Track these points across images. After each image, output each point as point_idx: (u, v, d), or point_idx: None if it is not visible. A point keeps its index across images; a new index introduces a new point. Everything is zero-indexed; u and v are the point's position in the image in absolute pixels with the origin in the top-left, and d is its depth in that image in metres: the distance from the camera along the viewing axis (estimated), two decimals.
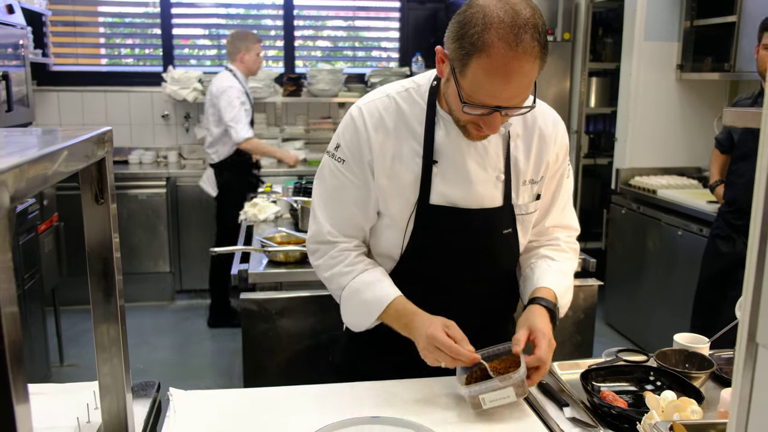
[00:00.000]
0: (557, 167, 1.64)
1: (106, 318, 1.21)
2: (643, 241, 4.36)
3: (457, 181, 1.54)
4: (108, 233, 1.17)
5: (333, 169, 1.59)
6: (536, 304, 1.54)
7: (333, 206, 1.61)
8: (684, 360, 1.58)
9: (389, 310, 1.55)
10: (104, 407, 1.23)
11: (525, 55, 1.29)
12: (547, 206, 1.69)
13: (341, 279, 1.61)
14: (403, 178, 1.54)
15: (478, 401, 1.40)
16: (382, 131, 1.53)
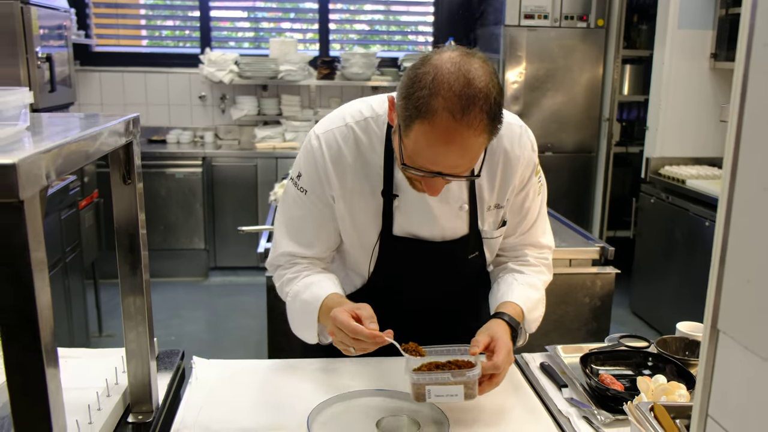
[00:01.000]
0: (522, 186, 1.58)
1: (132, 289, 1.31)
2: (671, 230, 4.35)
3: (418, 216, 1.52)
4: (134, 211, 1.27)
5: (296, 198, 1.56)
6: (498, 318, 1.50)
7: (296, 231, 1.58)
8: (684, 347, 1.63)
9: (323, 308, 1.49)
10: (130, 370, 1.34)
11: (470, 129, 1.21)
12: (514, 226, 1.65)
13: (287, 286, 1.59)
14: (365, 211, 1.53)
15: (423, 391, 1.32)
16: (340, 165, 1.49)
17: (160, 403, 1.41)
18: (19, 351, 0.79)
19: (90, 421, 1.24)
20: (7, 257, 0.76)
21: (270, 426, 1.37)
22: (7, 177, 0.73)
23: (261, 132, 5.77)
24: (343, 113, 1.53)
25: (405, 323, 1.71)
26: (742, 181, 0.82)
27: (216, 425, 1.36)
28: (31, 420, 0.81)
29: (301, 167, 1.55)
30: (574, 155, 5.43)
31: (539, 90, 5.23)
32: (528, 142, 1.55)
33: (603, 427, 1.38)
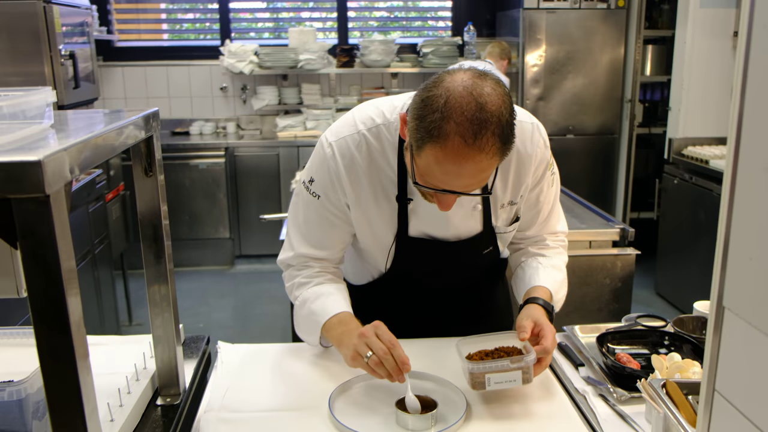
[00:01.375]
0: (536, 183, 1.60)
1: (157, 278, 1.36)
2: (695, 211, 4.33)
3: (432, 218, 1.54)
4: (157, 203, 1.31)
5: (308, 202, 1.58)
6: (534, 303, 1.54)
7: (309, 234, 1.61)
8: (701, 326, 1.64)
9: (332, 320, 1.52)
10: (157, 355, 1.39)
11: (482, 152, 1.22)
12: (530, 219, 1.67)
13: (297, 290, 1.63)
14: (380, 215, 1.55)
15: (482, 380, 1.35)
16: (354, 173, 1.51)
17: (187, 386, 1.46)
18: (51, 337, 0.83)
19: (121, 403, 1.29)
20: (36, 248, 0.81)
21: (293, 407, 1.42)
22: (34, 173, 0.77)
23: (282, 121, 5.82)
24: (354, 120, 1.53)
25: (421, 307, 1.75)
26: (744, 161, 0.84)
27: (241, 407, 1.41)
28: (64, 402, 0.86)
29: (313, 173, 1.56)
30: (596, 137, 5.41)
31: (559, 73, 5.21)
32: (540, 140, 1.55)
33: (619, 404, 1.40)
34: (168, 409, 1.37)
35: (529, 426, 1.35)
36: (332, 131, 1.55)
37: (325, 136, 1.55)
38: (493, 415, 1.38)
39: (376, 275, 1.72)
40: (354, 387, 1.49)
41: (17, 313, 2.75)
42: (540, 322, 1.46)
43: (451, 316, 1.79)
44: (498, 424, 1.35)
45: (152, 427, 1.31)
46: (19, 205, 0.79)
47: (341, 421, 1.32)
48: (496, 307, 1.90)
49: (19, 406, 1.03)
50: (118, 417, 1.25)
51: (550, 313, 1.54)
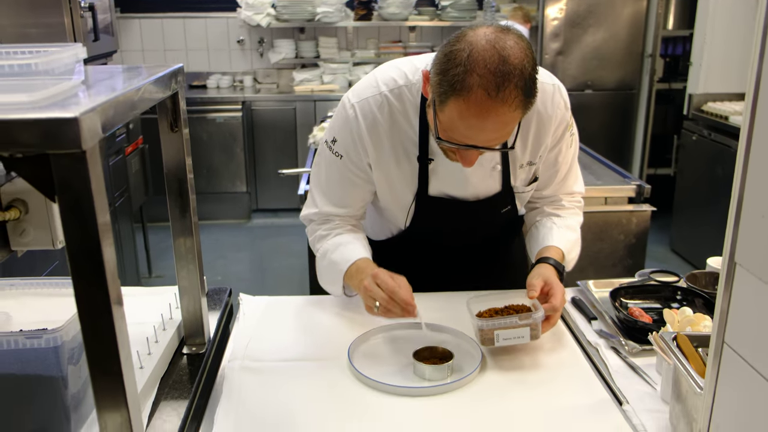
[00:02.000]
0: (555, 144, 1.61)
1: (182, 231, 1.40)
2: (713, 168, 4.31)
3: (452, 178, 1.57)
4: (182, 157, 1.34)
5: (331, 162, 1.61)
6: (545, 263, 1.57)
7: (331, 192, 1.64)
8: (714, 282, 1.67)
9: (351, 269, 1.57)
10: (183, 306, 1.44)
11: (504, 105, 1.23)
12: (548, 179, 1.69)
13: (318, 242, 1.67)
14: (401, 175, 1.58)
15: (491, 336, 1.39)
16: (376, 133, 1.53)
17: (211, 336, 1.51)
18: (88, 287, 0.88)
19: (149, 351, 1.34)
20: (73, 202, 0.84)
21: (314, 357, 1.47)
22: (71, 130, 0.80)
23: (299, 75, 5.81)
24: (377, 80, 1.55)
25: (438, 262, 1.79)
26: (761, 119, 0.85)
27: (264, 356, 1.47)
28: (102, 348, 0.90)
29: (336, 133, 1.58)
30: (615, 92, 5.36)
31: (580, 26, 5.14)
32: (561, 101, 1.56)
33: (630, 356, 1.44)
34: (194, 357, 1.43)
35: (543, 376, 1.40)
36: (355, 92, 1.56)
37: (347, 97, 1.57)
38: (508, 365, 1.43)
39: (395, 232, 1.76)
40: (373, 338, 1.53)
41: (41, 265, 2.82)
42: (550, 281, 1.48)
43: (468, 271, 1.82)
44: (512, 374, 1.40)
45: (179, 374, 1.36)
46: (57, 160, 0.82)
47: (360, 371, 1.37)
48: (512, 262, 1.93)
49: (55, 352, 1.08)
50: (147, 364, 1.31)
51: (561, 273, 1.56)
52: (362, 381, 1.37)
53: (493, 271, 1.87)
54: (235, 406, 1.29)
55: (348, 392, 1.34)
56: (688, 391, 1.11)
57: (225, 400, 1.31)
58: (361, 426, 1.24)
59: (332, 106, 5.18)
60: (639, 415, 1.25)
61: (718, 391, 0.95)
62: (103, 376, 0.91)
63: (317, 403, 1.30)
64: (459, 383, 1.35)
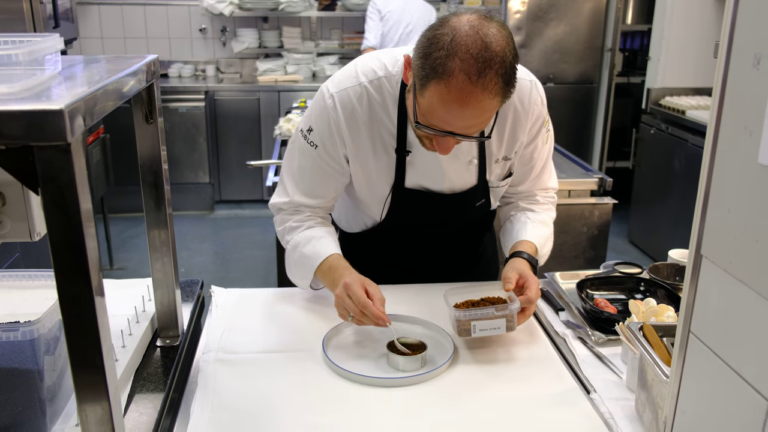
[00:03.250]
0: (531, 140, 1.63)
1: (157, 223, 1.40)
2: (670, 161, 4.42)
3: (429, 171, 1.59)
4: (157, 149, 1.34)
5: (305, 151, 1.60)
6: (519, 257, 1.59)
7: (303, 182, 1.63)
8: (675, 273, 1.73)
9: (323, 265, 1.57)
10: (157, 298, 1.44)
11: (485, 91, 1.25)
12: (523, 175, 1.71)
13: (288, 234, 1.66)
14: (378, 167, 1.59)
15: (468, 327, 1.41)
16: (354, 124, 1.53)
17: (185, 329, 1.51)
18: (71, 278, 0.87)
19: (123, 344, 1.34)
20: (57, 194, 0.84)
21: (288, 348, 1.48)
22: (56, 122, 0.80)
23: (262, 65, 5.77)
24: (356, 71, 1.54)
25: (412, 255, 1.81)
26: (727, 120, 0.89)
27: (238, 348, 1.47)
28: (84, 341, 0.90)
29: (312, 123, 1.58)
30: (576, 86, 5.45)
31: (542, 20, 5.20)
32: (538, 98, 1.58)
33: (596, 346, 1.49)
34: (168, 349, 1.43)
35: (514, 366, 1.43)
36: (334, 82, 1.56)
37: (326, 87, 1.56)
38: (479, 357, 1.46)
39: (369, 224, 1.77)
40: (346, 330, 1.55)
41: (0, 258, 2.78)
42: (525, 274, 1.51)
43: (441, 263, 1.85)
44: (483, 366, 1.43)
45: (154, 367, 1.36)
46: (41, 152, 0.82)
47: (335, 362, 1.39)
48: (484, 255, 1.96)
49: (32, 345, 1.08)
50: (122, 357, 1.31)
51: (535, 267, 1.60)
52: (337, 372, 1.38)
53: (466, 264, 1.90)
54: (211, 399, 1.29)
55: (323, 383, 1.36)
56: (654, 379, 1.15)
57: (200, 392, 1.31)
58: (336, 416, 1.26)
59: (296, 96, 5.16)
60: (606, 403, 1.29)
61: (684, 378, 0.99)
62: (85, 369, 0.91)
63: (292, 395, 1.32)
64: (432, 374, 1.38)
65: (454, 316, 1.43)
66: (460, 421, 1.25)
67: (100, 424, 0.95)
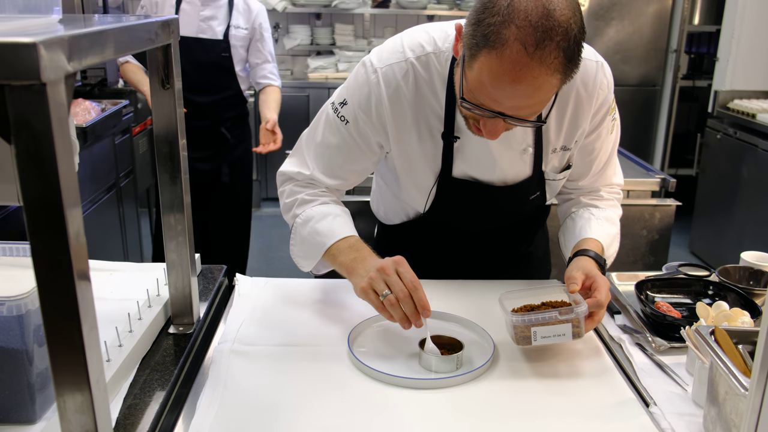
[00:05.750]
0: (594, 127, 1.47)
1: (172, 200, 1.28)
2: (738, 168, 4.16)
3: (479, 159, 1.43)
4: (174, 117, 1.23)
5: (331, 125, 1.46)
6: (584, 256, 1.41)
7: (323, 159, 1.49)
8: (748, 277, 1.54)
9: (341, 244, 1.40)
10: (171, 281, 1.33)
11: (542, 65, 1.08)
12: (583, 169, 1.55)
13: (299, 207, 1.50)
14: (423, 153, 1.44)
15: (528, 334, 1.24)
16: (398, 104, 1.38)
17: (202, 316, 1.40)
18: (46, 243, 0.76)
19: (131, 329, 1.23)
20: (30, 143, 0.73)
21: (310, 343, 1.35)
22: (29, 57, 0.69)
23: (314, 62, 5.69)
24: (402, 45, 1.40)
25: (455, 250, 1.66)
26: None
27: (256, 340, 1.35)
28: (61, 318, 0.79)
29: (348, 96, 1.44)
30: (638, 89, 5.21)
31: (603, 19, 4.99)
32: (604, 81, 1.42)
33: (657, 354, 1.31)
34: (180, 337, 1.32)
35: (562, 372, 1.27)
36: (378, 56, 1.41)
37: (369, 60, 1.41)
38: (522, 359, 1.30)
39: (412, 215, 1.62)
40: (375, 325, 1.41)
41: None
42: (592, 274, 1.32)
43: (487, 261, 1.69)
44: (527, 368, 1.28)
45: (163, 354, 1.25)
46: (13, 93, 0.71)
47: (360, 359, 1.25)
48: (535, 255, 1.80)
49: (19, 322, 0.97)
50: (127, 343, 1.19)
51: (602, 267, 1.41)
52: (362, 370, 1.25)
53: (515, 263, 1.74)
54: (221, 393, 1.16)
55: (345, 382, 1.22)
56: (728, 392, 0.98)
57: (210, 385, 1.18)
58: (357, 419, 1.11)
59: None
60: (668, 418, 1.12)
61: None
62: (62, 347, 0.80)
63: (310, 393, 1.18)
64: (468, 376, 1.22)
65: (511, 321, 1.25)
66: (503, 429, 1.09)
67: (79, 412, 0.83)
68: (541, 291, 1.37)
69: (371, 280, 1.27)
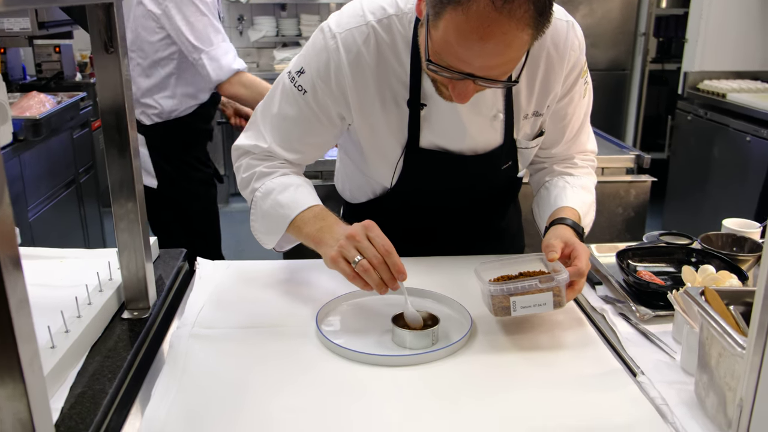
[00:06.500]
0: (566, 92, 1.41)
1: (121, 174, 1.19)
2: (709, 149, 4.14)
3: (447, 127, 1.36)
4: (119, 86, 1.14)
5: (288, 95, 1.37)
6: (561, 224, 1.34)
7: (280, 132, 1.40)
8: (731, 244, 1.49)
9: (306, 214, 1.32)
10: (123, 263, 1.23)
11: (511, 20, 1.01)
12: (556, 136, 1.49)
13: (257, 180, 1.41)
14: (387, 123, 1.36)
15: (507, 304, 1.16)
16: (360, 71, 1.30)
17: (160, 301, 1.31)
18: None
19: (79, 314, 1.14)
20: None
21: (274, 324, 1.26)
22: None
23: (280, 54, 5.58)
24: (362, 8, 1.32)
25: (426, 227, 1.58)
26: None
27: (217, 323, 1.26)
28: None
29: (305, 64, 1.35)
30: (607, 73, 5.18)
31: (571, 3, 4.95)
32: (576, 42, 1.36)
33: (642, 323, 1.25)
34: (135, 323, 1.22)
35: (543, 344, 1.20)
36: (337, 21, 1.33)
37: (328, 25, 1.33)
38: (501, 332, 1.23)
39: (378, 192, 1.54)
40: (344, 304, 1.33)
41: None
42: (571, 242, 1.26)
43: (457, 237, 1.62)
44: (505, 345, 1.20)
45: (116, 341, 1.16)
46: None
47: (330, 338, 1.17)
48: (507, 230, 1.73)
49: None
50: (75, 328, 1.10)
51: (580, 236, 1.35)
52: (331, 350, 1.16)
53: (487, 239, 1.67)
54: (179, 378, 1.07)
55: (314, 363, 1.13)
56: (722, 354, 0.92)
57: (167, 371, 1.09)
58: (330, 401, 1.03)
59: None
60: (657, 387, 1.05)
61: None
62: None
63: (277, 376, 1.09)
64: (445, 351, 1.15)
65: (489, 291, 1.17)
66: (482, 405, 1.02)
67: (11, 399, 0.74)
68: (519, 261, 1.30)
69: (341, 248, 1.19)
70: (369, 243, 1.18)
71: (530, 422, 0.98)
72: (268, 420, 0.98)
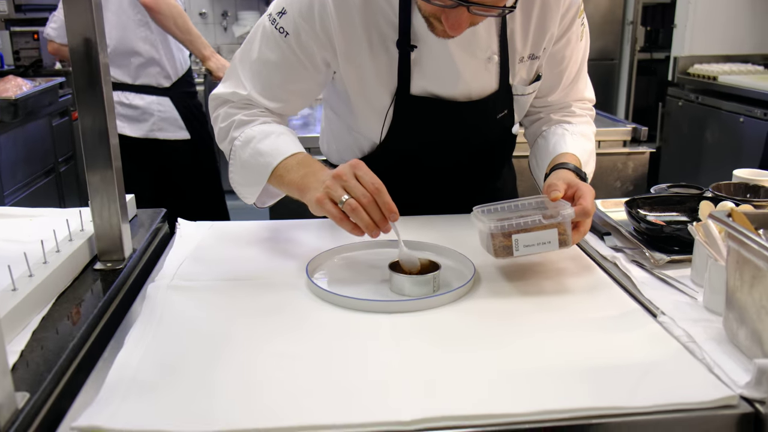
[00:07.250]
0: (563, 33, 1.34)
1: (92, 112, 1.09)
2: (701, 133, 4.08)
3: (439, 71, 1.28)
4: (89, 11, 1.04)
5: (270, 38, 1.28)
6: (563, 169, 1.27)
7: (261, 77, 1.31)
8: (743, 191, 1.41)
9: (289, 161, 1.23)
10: (95, 210, 1.14)
11: None
12: (552, 81, 1.42)
13: (236, 129, 1.31)
14: (376, 68, 1.28)
15: (508, 243, 1.07)
16: (346, 11, 1.22)
17: (137, 255, 1.20)
18: None
19: (45, 260, 1.03)
20: None
21: (261, 276, 1.16)
22: None
23: None
24: None
25: (418, 185, 1.49)
26: None
27: (198, 276, 1.16)
28: None
29: (287, 4, 1.26)
30: (595, 63, 5.09)
31: None
32: None
33: (657, 268, 1.16)
34: (108, 273, 1.12)
35: (552, 287, 1.11)
36: None
37: None
38: (503, 277, 1.14)
39: (367, 150, 1.44)
40: (336, 257, 1.24)
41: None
42: (574, 183, 1.18)
43: (451, 197, 1.53)
44: (510, 285, 1.11)
45: (86, 290, 1.06)
46: None
47: (322, 286, 1.07)
48: (503, 190, 1.64)
49: None
50: (39, 273, 1.00)
51: (583, 179, 1.27)
52: (324, 298, 1.06)
53: (479, 200, 1.57)
54: (155, 328, 0.97)
55: (304, 311, 1.04)
56: (756, 276, 0.83)
57: (142, 321, 0.99)
58: (321, 346, 0.93)
59: None
60: (681, 325, 0.96)
61: None
62: None
63: (263, 323, 0.99)
64: (447, 297, 1.05)
65: (489, 230, 1.08)
66: (489, 348, 0.92)
67: None
68: (518, 208, 1.20)
69: (327, 188, 1.09)
70: (357, 182, 1.08)
71: (544, 362, 0.88)
72: (251, 368, 0.87)
